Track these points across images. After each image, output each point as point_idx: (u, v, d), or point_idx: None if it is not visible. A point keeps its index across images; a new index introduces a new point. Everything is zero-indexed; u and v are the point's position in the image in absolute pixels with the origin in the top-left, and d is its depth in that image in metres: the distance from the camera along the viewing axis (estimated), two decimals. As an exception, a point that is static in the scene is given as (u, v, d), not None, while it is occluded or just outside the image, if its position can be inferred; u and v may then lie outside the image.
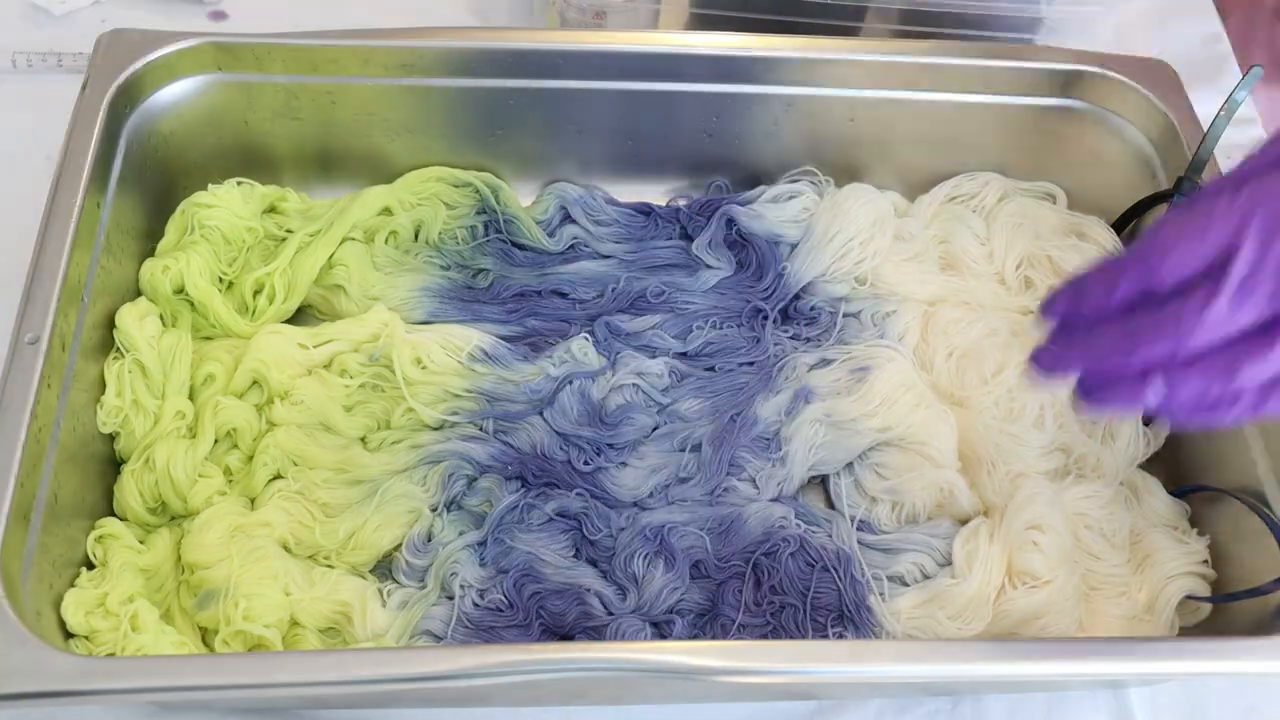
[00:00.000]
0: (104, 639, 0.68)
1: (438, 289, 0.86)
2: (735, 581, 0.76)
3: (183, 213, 0.84)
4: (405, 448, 0.79)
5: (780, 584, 0.75)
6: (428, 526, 0.77)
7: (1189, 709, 0.77)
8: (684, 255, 0.90)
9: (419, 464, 0.78)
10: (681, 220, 0.92)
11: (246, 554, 0.73)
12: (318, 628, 0.73)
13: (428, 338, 0.82)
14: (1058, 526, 0.77)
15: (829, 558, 0.76)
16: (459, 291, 0.87)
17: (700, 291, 0.88)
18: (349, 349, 0.82)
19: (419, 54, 0.84)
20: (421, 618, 0.73)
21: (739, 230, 0.90)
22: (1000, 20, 0.97)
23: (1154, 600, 0.77)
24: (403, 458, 0.78)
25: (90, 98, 0.78)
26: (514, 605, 0.74)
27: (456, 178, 0.90)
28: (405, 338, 0.81)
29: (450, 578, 0.74)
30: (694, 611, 0.75)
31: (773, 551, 0.76)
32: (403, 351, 0.80)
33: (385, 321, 0.82)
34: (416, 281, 0.86)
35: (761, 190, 0.92)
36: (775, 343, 0.86)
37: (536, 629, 0.74)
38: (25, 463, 0.66)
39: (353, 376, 0.81)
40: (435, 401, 0.80)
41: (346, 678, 0.61)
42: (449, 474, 0.78)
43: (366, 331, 0.82)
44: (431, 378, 0.80)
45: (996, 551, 0.76)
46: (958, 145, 0.92)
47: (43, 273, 0.71)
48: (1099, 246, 0.89)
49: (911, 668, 0.64)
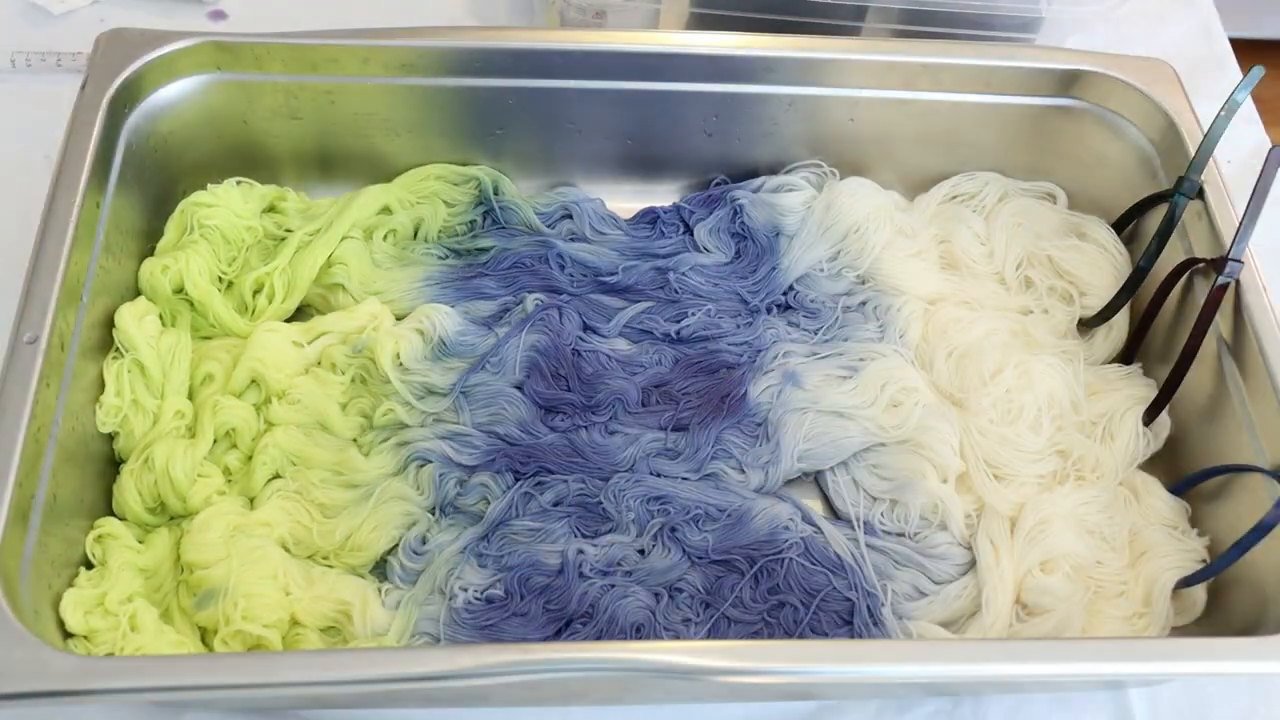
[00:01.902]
0: (103, 639, 0.68)
1: (439, 277, 0.86)
2: (735, 576, 0.76)
3: (182, 212, 0.84)
4: (392, 446, 0.79)
5: (782, 584, 0.75)
6: (424, 530, 0.77)
7: (1189, 709, 0.77)
8: (684, 247, 0.90)
9: (408, 463, 0.78)
10: (684, 216, 0.92)
11: (246, 554, 0.73)
12: (318, 627, 0.73)
13: (407, 327, 0.82)
14: (1070, 551, 0.77)
15: (835, 565, 0.76)
16: (459, 273, 0.87)
17: (694, 269, 0.88)
18: (338, 341, 0.82)
19: (419, 54, 0.84)
20: (420, 617, 0.73)
21: (742, 221, 0.90)
22: (1000, 20, 0.97)
23: (1149, 593, 0.77)
24: (391, 457, 0.78)
25: (90, 97, 0.78)
26: (516, 595, 0.74)
27: (457, 174, 0.90)
28: (390, 331, 0.81)
29: (451, 581, 0.74)
30: (688, 592, 0.75)
31: (776, 551, 0.76)
32: (386, 346, 0.80)
33: (374, 314, 0.83)
34: (418, 274, 0.86)
35: (764, 180, 0.92)
36: (768, 327, 0.86)
37: (540, 616, 0.74)
38: (24, 462, 0.66)
39: (343, 371, 0.81)
40: (417, 398, 0.80)
41: (346, 678, 0.61)
42: (437, 475, 0.78)
43: (355, 324, 0.82)
44: (410, 377, 0.80)
45: (1009, 583, 0.76)
46: (958, 145, 0.92)
47: (42, 272, 0.71)
48: (1099, 246, 0.89)
49: (911, 668, 0.64)
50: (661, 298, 0.87)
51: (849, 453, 0.81)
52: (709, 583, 0.76)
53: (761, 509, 0.78)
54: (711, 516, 0.77)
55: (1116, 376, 0.85)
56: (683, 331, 0.85)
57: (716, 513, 0.77)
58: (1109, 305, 0.87)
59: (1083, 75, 0.88)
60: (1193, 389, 0.81)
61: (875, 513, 0.80)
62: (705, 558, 0.76)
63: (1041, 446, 0.81)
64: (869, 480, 0.81)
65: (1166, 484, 0.82)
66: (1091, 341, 0.88)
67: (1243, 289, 0.78)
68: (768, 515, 0.78)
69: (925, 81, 0.88)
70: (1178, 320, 0.84)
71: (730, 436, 0.80)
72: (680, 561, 0.76)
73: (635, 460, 0.79)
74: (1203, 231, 0.82)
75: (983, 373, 0.84)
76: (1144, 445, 0.83)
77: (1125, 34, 1.09)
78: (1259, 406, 0.76)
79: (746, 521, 0.77)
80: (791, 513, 0.78)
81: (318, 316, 0.84)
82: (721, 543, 0.76)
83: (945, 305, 0.88)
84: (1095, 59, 0.88)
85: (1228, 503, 0.78)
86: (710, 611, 0.75)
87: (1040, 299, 0.89)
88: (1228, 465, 0.78)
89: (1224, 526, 0.78)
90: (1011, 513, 0.79)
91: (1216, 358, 0.80)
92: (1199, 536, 0.79)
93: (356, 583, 0.74)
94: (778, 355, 0.84)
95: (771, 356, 0.84)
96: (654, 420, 0.81)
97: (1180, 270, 0.82)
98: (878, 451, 0.81)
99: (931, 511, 0.79)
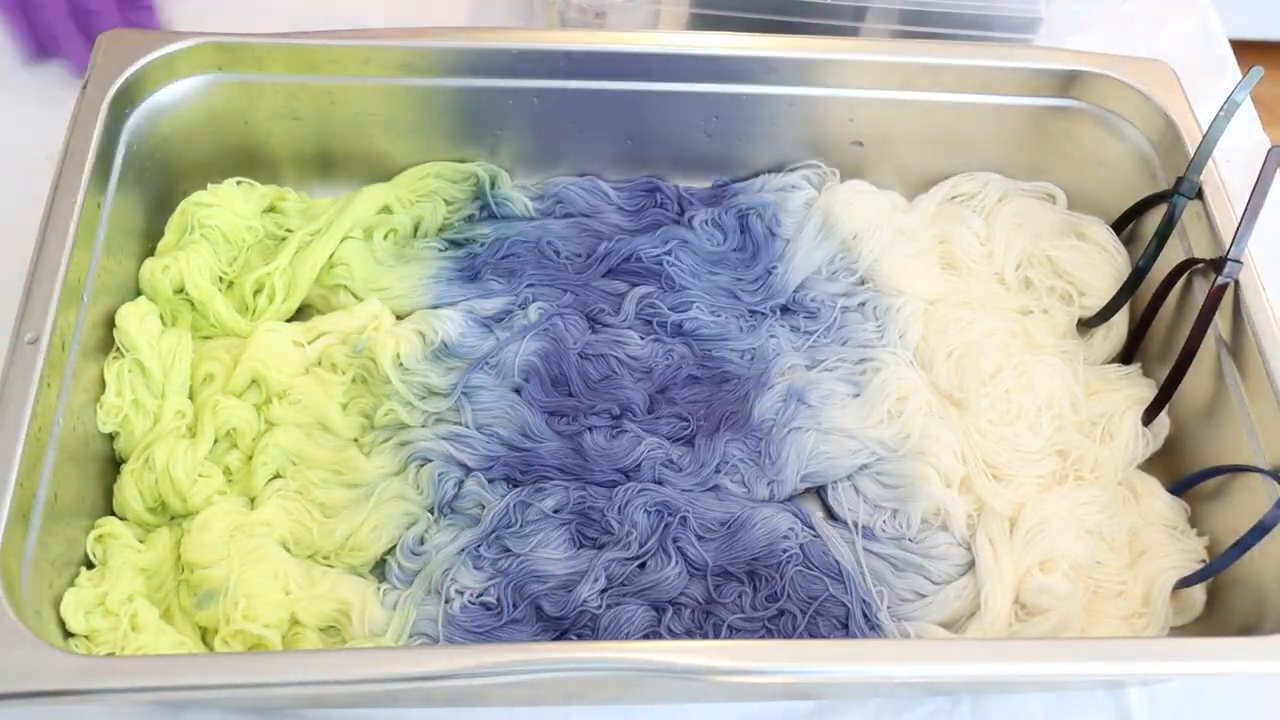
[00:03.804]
0: (103, 638, 0.68)
1: (443, 273, 0.86)
2: (736, 585, 0.76)
3: (182, 212, 0.84)
4: (393, 445, 0.79)
5: (781, 592, 0.75)
6: (423, 530, 0.77)
7: (1188, 709, 0.77)
8: (679, 223, 0.90)
9: (408, 463, 0.78)
10: (682, 204, 0.92)
11: (246, 553, 0.73)
12: (318, 626, 0.73)
13: (408, 328, 0.82)
14: (1069, 551, 0.77)
15: (833, 572, 0.76)
16: (462, 267, 0.87)
17: (687, 247, 0.88)
18: (338, 341, 0.82)
19: (419, 54, 0.84)
20: (418, 618, 0.73)
21: (740, 215, 0.90)
22: (1000, 20, 0.97)
23: (1148, 593, 0.77)
24: (391, 457, 0.78)
25: (91, 97, 0.78)
26: (512, 603, 0.74)
27: (456, 171, 0.90)
28: (391, 331, 0.81)
29: (446, 582, 0.74)
30: (689, 606, 0.75)
31: (775, 562, 0.76)
32: (386, 346, 0.80)
33: (375, 314, 0.83)
34: (422, 270, 0.86)
35: (764, 179, 0.92)
36: (771, 335, 0.85)
37: (534, 623, 0.74)
38: (25, 462, 0.66)
39: (343, 371, 0.81)
40: (418, 399, 0.80)
41: (346, 678, 0.61)
42: (437, 475, 0.78)
43: (356, 324, 0.82)
44: (410, 377, 0.80)
45: (1008, 583, 0.76)
46: (958, 145, 0.92)
47: (43, 272, 0.71)
48: (1099, 246, 0.89)
49: (910, 668, 0.64)
50: (659, 280, 0.87)
51: (853, 469, 0.81)
52: (708, 594, 0.76)
53: (762, 518, 0.77)
54: (712, 529, 0.77)
55: (1116, 377, 0.86)
56: (685, 324, 0.85)
57: (717, 525, 0.77)
58: (1108, 305, 0.87)
59: (1082, 76, 0.88)
60: (1192, 389, 0.82)
61: (877, 520, 0.80)
62: (705, 569, 0.76)
63: (1041, 447, 0.81)
64: (872, 489, 0.81)
65: (1166, 484, 0.82)
66: (1091, 341, 0.88)
67: (1242, 290, 0.78)
68: (767, 525, 0.77)
69: (925, 82, 0.88)
70: (1177, 320, 0.84)
71: (735, 451, 0.80)
72: (681, 575, 0.75)
73: (641, 463, 0.79)
74: (1202, 232, 0.82)
75: (982, 373, 0.84)
76: (1143, 445, 0.83)
77: (1125, 34, 1.09)
78: (1258, 406, 0.76)
79: (746, 530, 0.77)
80: (791, 522, 0.78)
81: (318, 316, 0.84)
82: (722, 554, 0.76)
83: (945, 305, 0.88)
84: (1094, 59, 0.88)
85: (1227, 502, 0.78)
86: (712, 620, 0.75)
87: (1040, 299, 0.89)
88: (1227, 465, 0.78)
89: (1223, 526, 0.78)
90: (1011, 513, 0.79)
91: (1216, 358, 0.80)
92: (1198, 536, 0.79)
93: (357, 582, 0.74)
94: (782, 369, 0.84)
95: (776, 370, 0.84)
96: (663, 428, 0.81)
97: (1179, 270, 0.82)
98: (881, 461, 0.81)
99: (933, 514, 0.79)
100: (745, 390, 0.83)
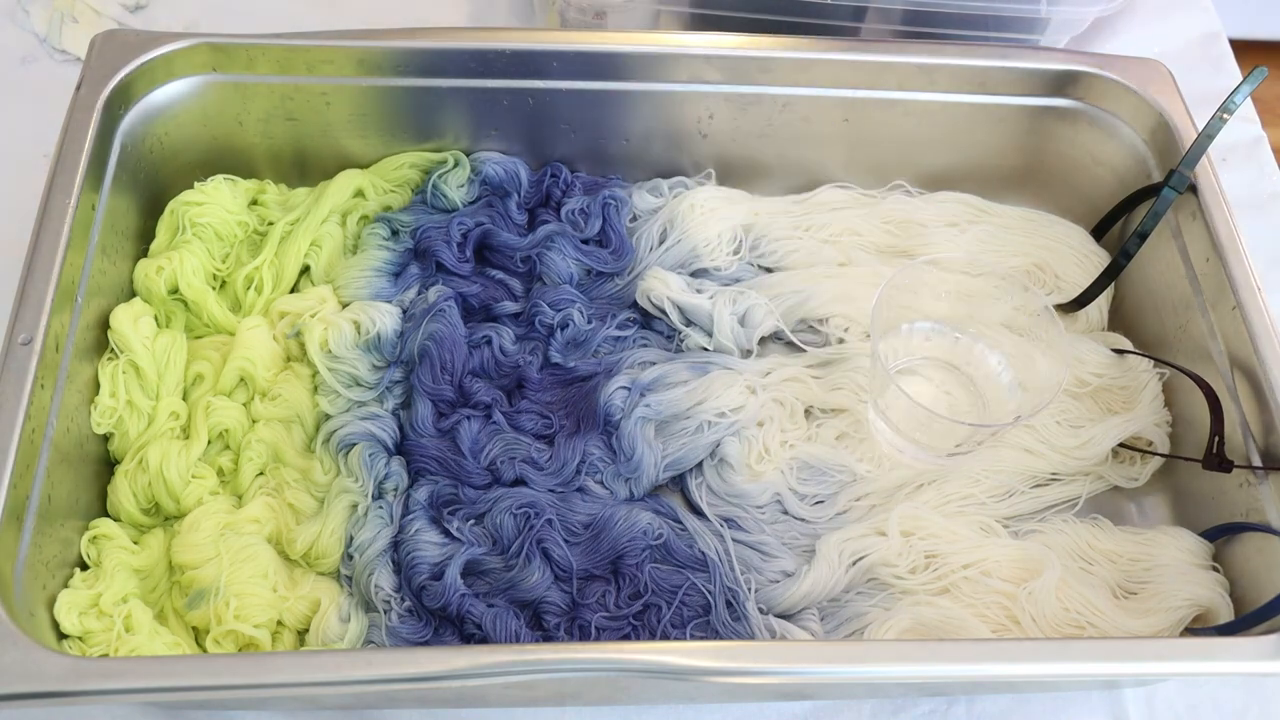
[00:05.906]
0: (97, 640, 0.68)
1: (384, 266, 0.86)
2: (600, 585, 0.76)
3: (172, 213, 0.84)
4: (323, 437, 0.79)
5: (644, 588, 0.75)
6: (360, 526, 0.76)
7: (1184, 709, 0.77)
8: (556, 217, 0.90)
9: (338, 451, 0.78)
10: (564, 187, 0.91)
11: (236, 552, 0.73)
12: (297, 628, 0.73)
13: (344, 316, 0.82)
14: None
15: (697, 563, 0.76)
16: (398, 261, 0.87)
17: (558, 246, 0.87)
18: (288, 324, 0.82)
19: (416, 54, 0.84)
20: (369, 626, 0.73)
21: (609, 223, 0.89)
22: (1000, 21, 0.97)
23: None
24: (328, 453, 0.78)
25: (85, 98, 0.78)
26: (419, 614, 0.74)
27: (430, 160, 0.90)
28: (323, 317, 0.81)
29: (372, 589, 0.74)
30: (552, 611, 0.75)
31: (636, 561, 0.76)
32: (314, 332, 0.80)
33: (323, 298, 0.83)
34: (365, 262, 0.86)
35: (655, 182, 0.92)
36: (623, 336, 0.86)
37: (450, 631, 0.73)
38: (19, 463, 0.66)
39: (310, 364, 0.81)
40: (344, 387, 0.80)
41: (342, 678, 0.61)
42: (367, 455, 0.78)
43: (305, 305, 0.82)
44: (338, 365, 0.80)
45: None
46: (954, 145, 0.92)
47: (36, 273, 0.71)
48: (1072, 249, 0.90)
49: (905, 668, 0.64)
50: (532, 275, 0.88)
51: (706, 451, 0.81)
52: (571, 597, 0.75)
53: (621, 517, 0.77)
54: (576, 531, 0.77)
55: None
56: (557, 330, 0.85)
57: (581, 529, 0.77)
58: (1087, 291, 0.87)
59: (1077, 76, 0.88)
60: (1196, 412, 0.81)
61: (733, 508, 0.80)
62: (570, 574, 0.76)
63: None
64: (717, 481, 0.81)
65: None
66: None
67: (1244, 306, 0.77)
68: (627, 522, 0.77)
69: (920, 82, 0.88)
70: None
71: (594, 450, 0.80)
72: (545, 576, 0.75)
73: (502, 458, 0.79)
74: (1198, 231, 0.82)
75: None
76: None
77: (1125, 34, 1.09)
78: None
79: (609, 529, 0.77)
80: (651, 518, 0.77)
81: (278, 298, 0.84)
82: (587, 557, 0.76)
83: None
84: (1089, 60, 0.88)
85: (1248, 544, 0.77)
86: (578, 622, 0.74)
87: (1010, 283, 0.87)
88: (1244, 523, 0.76)
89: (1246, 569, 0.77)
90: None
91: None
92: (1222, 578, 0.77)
93: (329, 586, 0.74)
94: (633, 364, 0.84)
95: (626, 365, 0.84)
96: (526, 423, 0.81)
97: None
98: (726, 444, 0.81)
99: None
100: (596, 384, 0.83)
